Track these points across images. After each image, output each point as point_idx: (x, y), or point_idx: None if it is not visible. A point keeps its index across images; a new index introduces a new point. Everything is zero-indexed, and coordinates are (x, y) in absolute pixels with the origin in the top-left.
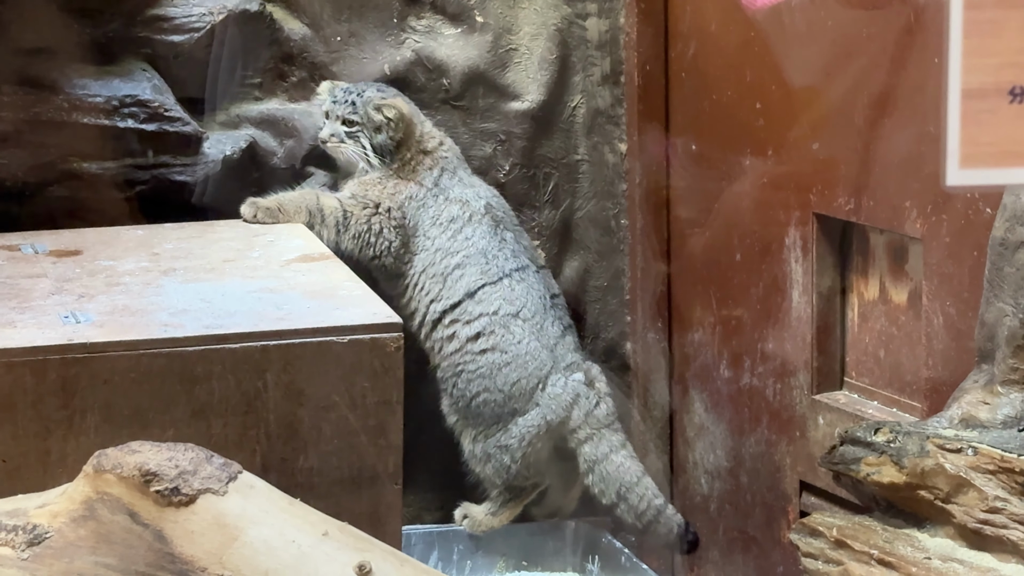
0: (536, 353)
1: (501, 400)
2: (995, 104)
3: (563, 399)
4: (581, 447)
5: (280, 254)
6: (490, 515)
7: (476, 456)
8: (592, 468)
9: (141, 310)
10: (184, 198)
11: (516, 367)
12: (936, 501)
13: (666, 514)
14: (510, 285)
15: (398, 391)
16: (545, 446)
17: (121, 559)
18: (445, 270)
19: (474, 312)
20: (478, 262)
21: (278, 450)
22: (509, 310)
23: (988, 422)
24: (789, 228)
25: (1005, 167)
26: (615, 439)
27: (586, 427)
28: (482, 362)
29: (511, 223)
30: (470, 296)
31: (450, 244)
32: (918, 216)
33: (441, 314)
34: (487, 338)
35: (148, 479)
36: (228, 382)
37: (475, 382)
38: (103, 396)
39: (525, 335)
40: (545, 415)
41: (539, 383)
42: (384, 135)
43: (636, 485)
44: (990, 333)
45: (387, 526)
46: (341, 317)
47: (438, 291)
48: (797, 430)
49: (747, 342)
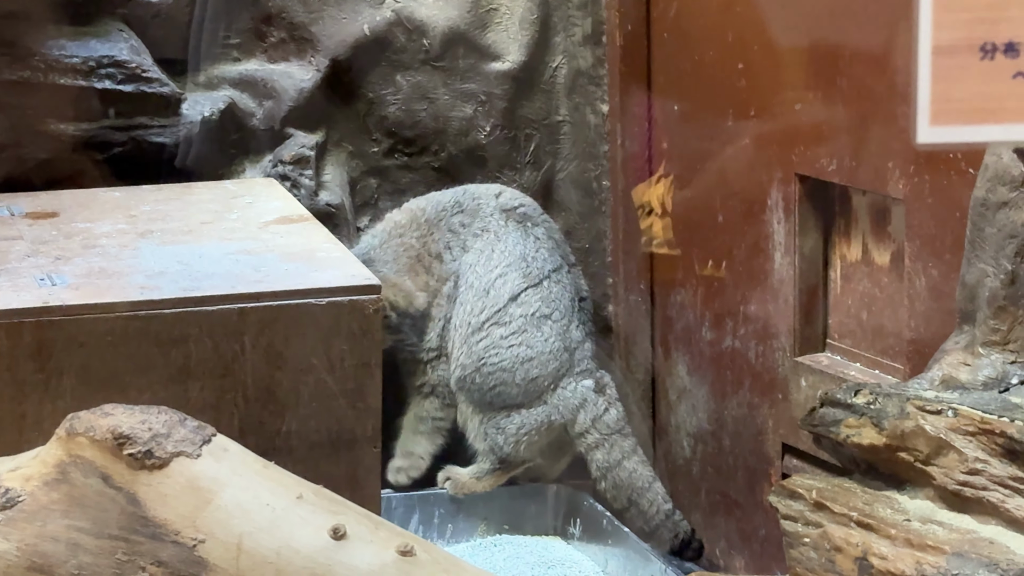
0: (558, 354)
1: (515, 393)
2: (966, 60)
3: (570, 403)
4: (592, 453)
5: (258, 216)
6: (475, 479)
7: (474, 429)
8: (605, 475)
9: (118, 272)
10: (162, 160)
11: (538, 364)
12: (916, 463)
13: (673, 519)
14: (548, 287)
15: (376, 354)
16: (542, 440)
17: (94, 522)
18: (487, 284)
19: (515, 314)
20: (519, 267)
21: (255, 413)
22: (545, 311)
23: (969, 384)
24: (772, 189)
25: (976, 124)
26: (626, 445)
27: (595, 432)
28: (507, 355)
29: (535, 214)
30: (513, 300)
31: (487, 263)
32: (900, 177)
33: (483, 322)
34: (518, 335)
35: (121, 442)
36: (205, 345)
37: (495, 375)
38: (79, 359)
39: (553, 335)
40: (550, 414)
41: (552, 384)
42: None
43: (647, 491)
44: (971, 294)
45: (366, 489)
46: (319, 279)
47: (481, 305)
48: (779, 392)
49: (729, 304)
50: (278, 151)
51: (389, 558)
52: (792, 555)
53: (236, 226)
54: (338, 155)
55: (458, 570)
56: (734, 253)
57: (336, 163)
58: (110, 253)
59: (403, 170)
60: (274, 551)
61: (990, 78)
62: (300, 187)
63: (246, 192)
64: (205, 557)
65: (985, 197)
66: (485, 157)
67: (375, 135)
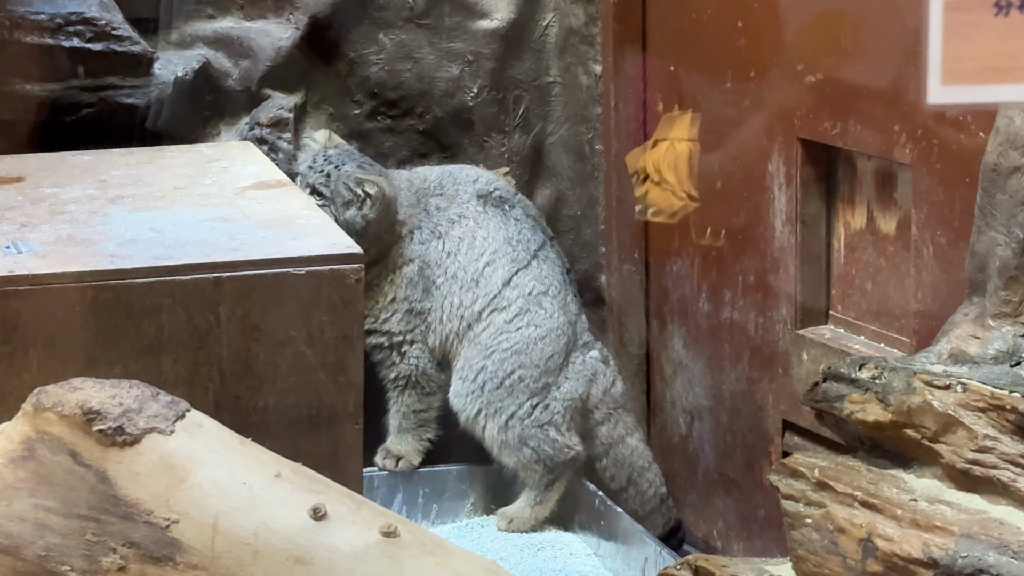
0: (564, 328)
1: (536, 375)
2: (980, 17)
3: (584, 375)
4: (598, 428)
5: (234, 181)
6: (537, 505)
7: (510, 444)
8: (607, 451)
9: (87, 240)
10: (133, 122)
11: (550, 341)
12: (923, 440)
13: (667, 504)
14: (538, 266)
15: (358, 326)
16: (583, 422)
17: (62, 502)
18: (475, 274)
19: (511, 297)
20: (505, 252)
21: (232, 388)
22: (540, 289)
23: (978, 357)
24: (772, 154)
25: (990, 84)
26: (629, 420)
27: (604, 407)
28: (517, 338)
29: (510, 195)
30: (506, 284)
31: (469, 252)
32: (907, 141)
33: (480, 312)
34: (523, 316)
35: (90, 418)
36: (179, 316)
37: (509, 360)
38: (46, 331)
39: (555, 310)
40: (576, 389)
41: (564, 360)
42: (354, 210)
43: (647, 471)
44: (981, 263)
45: (347, 467)
46: (298, 247)
47: (472, 296)
48: (780, 367)
49: (728, 274)
50: (255, 113)
51: (372, 539)
52: (793, 537)
53: (211, 192)
54: (318, 117)
55: (444, 551)
56: (733, 221)
57: (316, 126)
58: (79, 220)
59: (386, 133)
60: (251, 532)
61: (1005, 35)
62: (278, 151)
63: (221, 156)
64: (179, 538)
65: (996, 162)
66: (472, 120)
67: (357, 96)
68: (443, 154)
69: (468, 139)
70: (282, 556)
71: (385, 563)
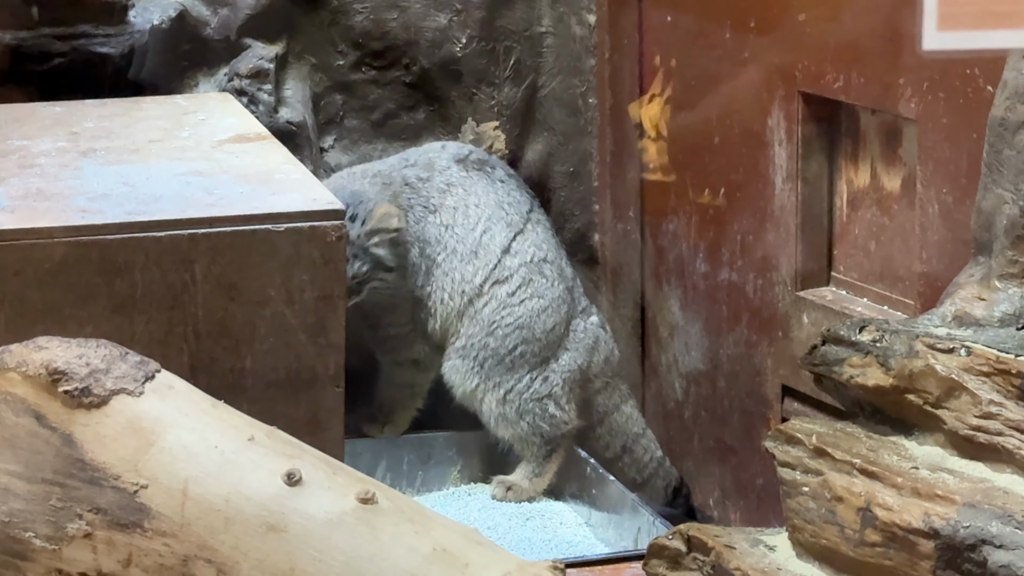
0: (564, 296)
1: (538, 349)
2: None
3: (585, 343)
4: (596, 397)
5: (212, 134)
6: (536, 477)
7: (508, 417)
8: (603, 419)
9: (57, 194)
10: (107, 72)
11: (552, 312)
12: (925, 406)
13: (665, 467)
14: (533, 228)
15: (340, 285)
16: (581, 392)
17: (26, 466)
18: (473, 245)
19: (512, 266)
20: (499, 217)
21: (207, 349)
22: (540, 255)
23: (984, 320)
24: (772, 108)
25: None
26: (624, 388)
27: (603, 376)
28: (520, 312)
29: (486, 156)
30: (506, 252)
31: (465, 223)
32: (913, 95)
33: (480, 284)
34: (525, 287)
35: (56, 378)
36: (152, 274)
37: (512, 336)
38: (14, 289)
39: (554, 277)
40: (576, 359)
41: (565, 329)
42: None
43: (641, 437)
44: (987, 222)
45: (327, 432)
46: (277, 203)
47: (473, 269)
48: (779, 329)
49: (726, 233)
50: (234, 63)
51: (348, 506)
52: (789, 505)
53: (187, 145)
54: (300, 68)
55: (424, 519)
56: (732, 178)
57: (297, 77)
58: (49, 173)
59: (371, 85)
60: (223, 497)
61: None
62: (258, 103)
63: (198, 108)
64: (147, 503)
65: (1004, 116)
66: (460, 71)
67: (340, 47)
68: (430, 107)
69: (456, 91)
70: (255, 523)
71: (362, 531)
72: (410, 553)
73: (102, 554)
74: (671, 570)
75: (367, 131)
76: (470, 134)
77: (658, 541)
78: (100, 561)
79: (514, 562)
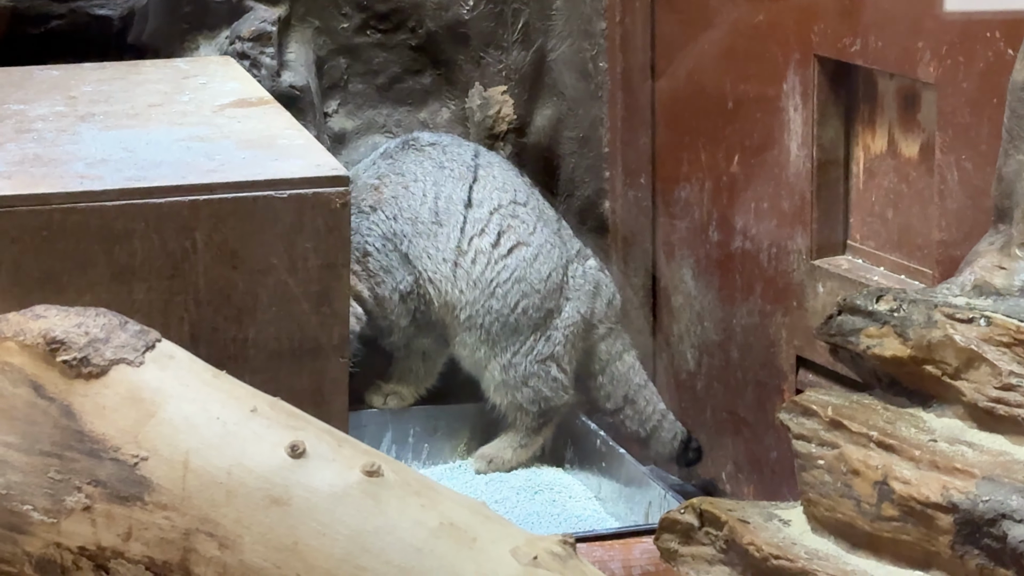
0: (551, 239)
1: (539, 302)
2: None
3: (586, 289)
4: (597, 345)
5: (213, 98)
6: (520, 448)
7: (510, 383)
8: (604, 368)
9: (55, 160)
10: (105, 35)
11: (543, 258)
12: (944, 377)
13: (669, 419)
14: (487, 173)
15: (344, 253)
16: (582, 346)
17: (24, 437)
18: (432, 214)
19: (481, 216)
20: (444, 176)
21: (208, 318)
22: (507, 198)
23: (1004, 289)
24: (787, 72)
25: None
26: (626, 337)
27: (607, 321)
28: (512, 264)
29: (407, 137)
30: (468, 205)
31: (413, 200)
32: (932, 59)
33: (458, 244)
34: (507, 235)
35: (54, 348)
36: (152, 241)
37: (512, 291)
38: (11, 256)
39: (532, 219)
40: (578, 308)
41: (563, 274)
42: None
43: (644, 388)
44: (1008, 189)
45: (331, 404)
46: (280, 169)
47: (445, 234)
48: (794, 299)
49: (740, 201)
50: (236, 26)
51: (353, 479)
52: (804, 478)
53: (188, 109)
54: (303, 31)
55: (430, 492)
56: (746, 144)
57: (301, 40)
58: (46, 138)
59: (376, 49)
60: (224, 470)
61: None
62: (260, 67)
63: (200, 72)
64: (148, 476)
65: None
66: (468, 34)
67: (345, 9)
68: (436, 71)
69: (464, 55)
70: (257, 496)
71: (367, 504)
72: (416, 527)
73: (101, 527)
74: (683, 545)
75: (372, 96)
76: (477, 98)
77: (670, 515)
78: (99, 535)
79: (523, 536)
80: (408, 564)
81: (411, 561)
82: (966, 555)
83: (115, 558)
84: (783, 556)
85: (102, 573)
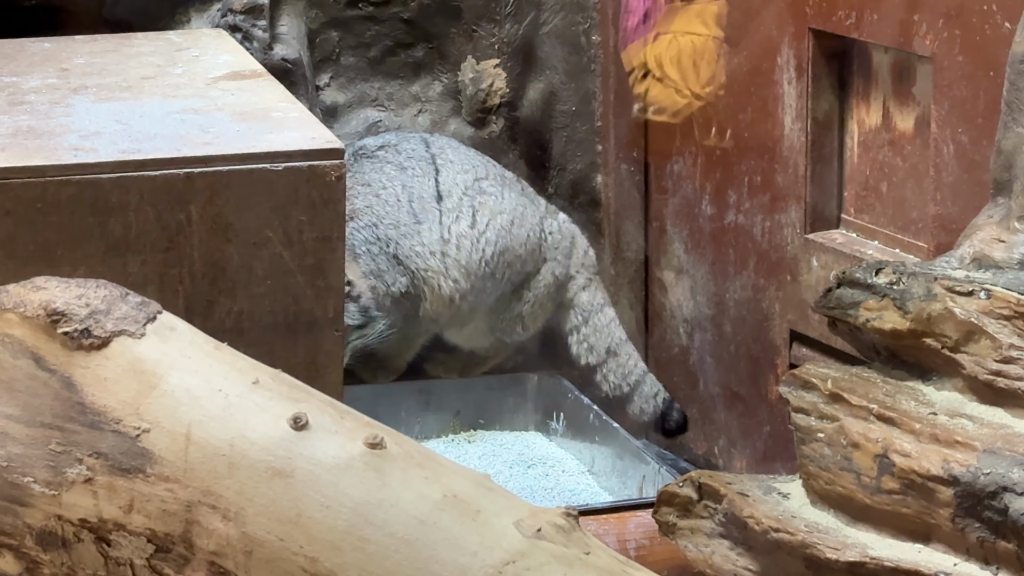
0: (520, 200)
1: (519, 267)
2: None
3: (563, 245)
4: (578, 296)
5: (206, 71)
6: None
7: (478, 339)
8: (587, 320)
9: (48, 132)
10: (97, 7)
11: (519, 221)
12: (944, 350)
13: (651, 377)
14: (445, 160)
15: (339, 226)
16: (552, 304)
17: (24, 409)
18: (411, 214)
19: (453, 204)
20: (409, 177)
21: (203, 291)
22: (469, 178)
23: (1003, 262)
24: (782, 45)
25: None
26: (604, 292)
27: (584, 272)
28: (493, 237)
29: (357, 145)
30: (439, 199)
31: (387, 204)
32: (928, 31)
33: (440, 235)
34: (480, 212)
35: (55, 319)
36: (147, 214)
37: (500, 266)
38: (5, 229)
39: (498, 188)
40: (553, 269)
41: (540, 232)
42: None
43: (625, 343)
44: (1007, 162)
45: (326, 377)
46: (275, 142)
47: (428, 230)
48: (788, 273)
49: (733, 174)
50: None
51: (356, 451)
52: (804, 452)
53: (181, 82)
54: (295, 4)
55: (434, 464)
56: (739, 118)
57: (293, 13)
58: (39, 111)
59: (368, 22)
60: (227, 442)
61: None
62: (252, 39)
63: (192, 44)
64: (150, 448)
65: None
66: (460, 8)
67: None
68: (428, 44)
69: (456, 28)
70: (260, 468)
71: (370, 476)
72: (420, 499)
73: (103, 500)
74: (682, 518)
75: (364, 69)
76: (470, 72)
77: (668, 489)
78: (101, 507)
79: (526, 509)
80: (412, 536)
81: (415, 533)
82: (967, 528)
83: (117, 530)
84: (783, 529)
85: (103, 545)
